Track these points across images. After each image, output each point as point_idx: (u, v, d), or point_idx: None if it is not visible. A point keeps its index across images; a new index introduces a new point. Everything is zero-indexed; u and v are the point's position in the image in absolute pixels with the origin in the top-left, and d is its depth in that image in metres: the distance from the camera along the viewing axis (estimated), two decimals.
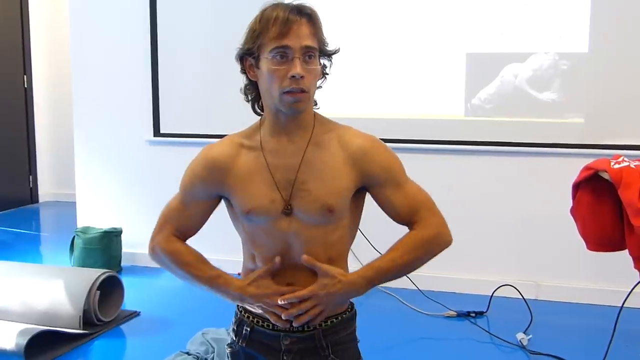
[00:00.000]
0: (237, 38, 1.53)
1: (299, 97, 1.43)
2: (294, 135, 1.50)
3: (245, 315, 1.60)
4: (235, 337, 1.62)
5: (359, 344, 1.65)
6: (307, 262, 1.46)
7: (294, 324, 1.48)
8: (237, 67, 1.55)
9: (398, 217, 1.55)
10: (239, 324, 1.61)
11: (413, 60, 3.66)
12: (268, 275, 1.49)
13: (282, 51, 1.41)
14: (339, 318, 1.56)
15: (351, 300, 1.62)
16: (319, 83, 1.52)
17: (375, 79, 3.71)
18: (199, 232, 1.66)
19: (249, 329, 1.58)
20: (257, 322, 1.57)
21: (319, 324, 1.52)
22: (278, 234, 1.50)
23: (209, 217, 1.62)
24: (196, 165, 1.59)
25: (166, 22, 4.03)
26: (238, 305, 1.63)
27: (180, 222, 1.61)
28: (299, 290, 1.46)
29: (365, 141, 1.52)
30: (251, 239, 1.55)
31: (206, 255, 1.62)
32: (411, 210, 1.53)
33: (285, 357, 1.54)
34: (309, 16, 1.44)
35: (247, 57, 1.48)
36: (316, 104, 1.55)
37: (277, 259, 1.48)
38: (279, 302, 1.46)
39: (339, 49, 1.54)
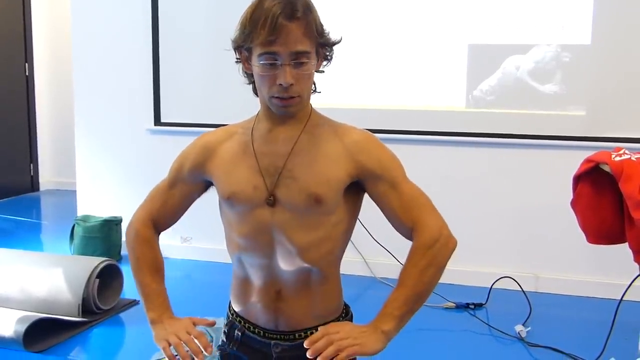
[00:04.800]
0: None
1: (288, 103, 1.38)
2: (288, 124, 1.45)
3: (237, 320, 1.56)
4: (227, 340, 1.58)
5: None
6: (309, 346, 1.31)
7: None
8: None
9: (397, 220, 1.44)
10: (231, 326, 1.57)
11: (414, 51, 3.64)
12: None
13: (270, 57, 1.34)
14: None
15: (346, 303, 1.57)
16: (321, 67, 1.45)
17: (377, 70, 3.69)
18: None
19: (240, 333, 1.53)
20: (248, 327, 1.53)
21: (310, 333, 1.43)
22: (259, 226, 1.43)
23: (188, 206, 1.58)
24: (186, 149, 1.58)
25: (167, 11, 4.01)
26: (229, 308, 1.60)
27: (162, 203, 1.58)
28: None
29: (363, 135, 1.47)
30: (233, 231, 1.49)
31: (205, 245, 1.60)
32: (409, 210, 1.43)
33: None
34: (300, 18, 1.34)
35: (242, 50, 1.43)
36: (315, 89, 1.48)
37: (211, 322, 1.44)
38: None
39: (340, 39, 1.46)
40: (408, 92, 3.70)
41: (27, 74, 6.29)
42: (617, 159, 2.22)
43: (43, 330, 2.83)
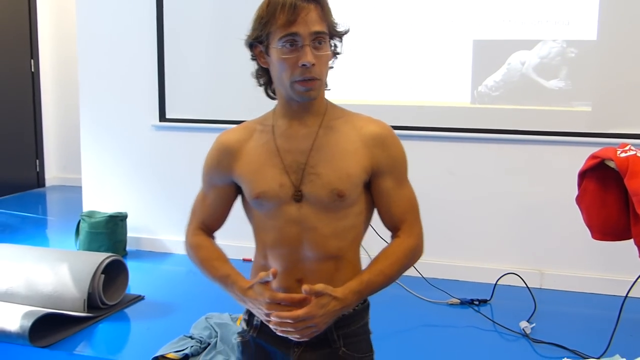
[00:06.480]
0: (243, 24, 1.51)
1: (310, 86, 1.41)
2: (306, 119, 1.49)
3: None
4: (247, 327, 1.60)
5: (371, 336, 1.61)
6: (308, 291, 1.38)
7: (292, 338, 1.43)
8: (243, 53, 1.52)
9: (389, 215, 1.52)
10: (250, 314, 1.58)
11: (419, 46, 3.64)
12: (265, 282, 1.42)
13: (291, 39, 1.38)
14: (352, 310, 1.52)
15: None
16: (330, 63, 1.49)
17: (382, 66, 3.69)
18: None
19: (259, 320, 1.54)
20: None
21: None
22: (287, 220, 1.47)
23: (230, 205, 1.60)
24: (210, 152, 1.59)
25: (173, 7, 4.01)
26: None
27: (204, 213, 1.62)
28: (295, 305, 1.39)
29: (381, 128, 1.51)
30: (261, 227, 1.53)
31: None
32: (403, 211, 1.51)
33: (296, 350, 1.51)
34: (317, 1, 1.41)
35: (257, 44, 1.46)
36: (327, 86, 1.52)
37: (273, 270, 1.41)
38: (271, 319, 1.40)
39: (349, 29, 1.50)
40: (413, 88, 3.70)
41: (32, 70, 6.31)
42: (623, 155, 2.22)
43: (49, 326, 2.84)
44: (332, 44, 1.48)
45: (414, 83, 3.69)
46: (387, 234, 1.56)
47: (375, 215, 1.56)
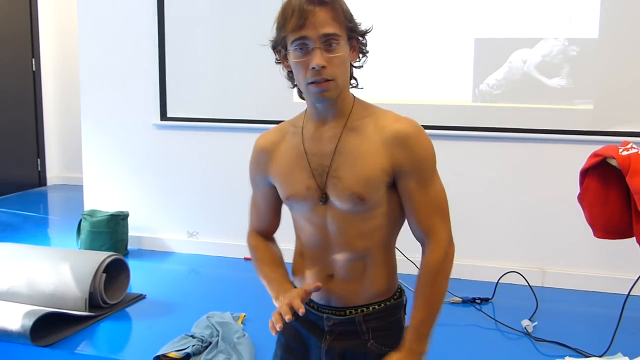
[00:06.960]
0: (244, 23, 1.51)
1: (323, 87, 1.42)
2: (331, 120, 1.50)
3: None
4: None
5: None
6: None
7: None
8: (244, 51, 1.54)
9: (414, 217, 1.50)
10: None
11: (421, 45, 3.63)
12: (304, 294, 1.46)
13: (301, 43, 1.41)
14: (382, 305, 1.55)
15: (400, 286, 1.61)
16: (360, 62, 1.54)
17: (383, 64, 3.68)
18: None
19: None
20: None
21: (361, 310, 1.52)
22: (316, 221, 1.51)
23: (277, 206, 1.64)
24: (250, 157, 1.63)
25: (174, 6, 4.01)
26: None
27: (256, 216, 1.68)
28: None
29: (405, 126, 1.48)
30: (297, 226, 1.59)
31: (211, 240, 1.61)
32: (428, 213, 1.49)
33: (327, 337, 1.55)
34: (327, 3, 1.42)
35: (279, 48, 1.49)
36: (356, 85, 1.56)
37: (318, 284, 1.46)
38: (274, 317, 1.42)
39: (371, 27, 1.53)
40: (414, 87, 3.69)
41: (34, 69, 6.31)
42: (625, 153, 2.21)
43: (50, 325, 2.85)
44: (356, 44, 1.50)
45: (415, 81, 3.68)
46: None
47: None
